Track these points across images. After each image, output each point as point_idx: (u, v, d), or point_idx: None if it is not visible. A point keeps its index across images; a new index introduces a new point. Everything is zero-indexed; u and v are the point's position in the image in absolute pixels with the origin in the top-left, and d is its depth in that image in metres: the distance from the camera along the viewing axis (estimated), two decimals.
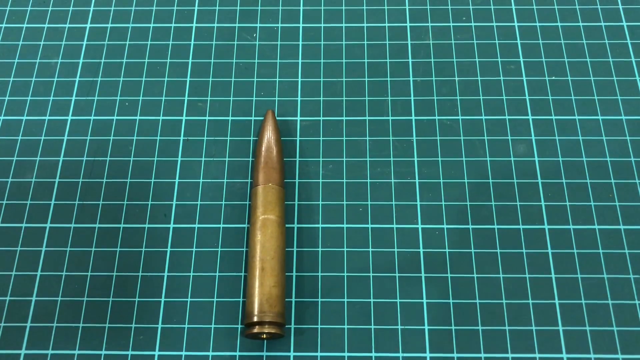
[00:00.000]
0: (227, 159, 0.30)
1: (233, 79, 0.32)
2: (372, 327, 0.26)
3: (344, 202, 0.29)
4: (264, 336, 0.25)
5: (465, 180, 0.29)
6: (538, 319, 0.26)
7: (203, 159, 0.30)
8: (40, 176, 0.30)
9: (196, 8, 0.35)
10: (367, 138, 0.31)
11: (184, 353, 0.26)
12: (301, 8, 0.34)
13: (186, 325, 0.27)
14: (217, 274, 0.28)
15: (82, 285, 0.28)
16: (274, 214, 0.27)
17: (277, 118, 0.31)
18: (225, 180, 0.30)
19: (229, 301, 0.27)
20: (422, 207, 0.29)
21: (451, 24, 0.34)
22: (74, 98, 0.32)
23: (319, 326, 0.26)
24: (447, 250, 0.28)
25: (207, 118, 0.31)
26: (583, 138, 0.30)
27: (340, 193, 0.29)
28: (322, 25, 0.34)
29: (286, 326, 0.26)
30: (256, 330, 0.25)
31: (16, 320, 0.27)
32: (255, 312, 0.25)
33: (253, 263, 0.26)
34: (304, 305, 0.27)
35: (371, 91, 0.32)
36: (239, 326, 0.27)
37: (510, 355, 0.26)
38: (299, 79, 0.32)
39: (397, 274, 0.27)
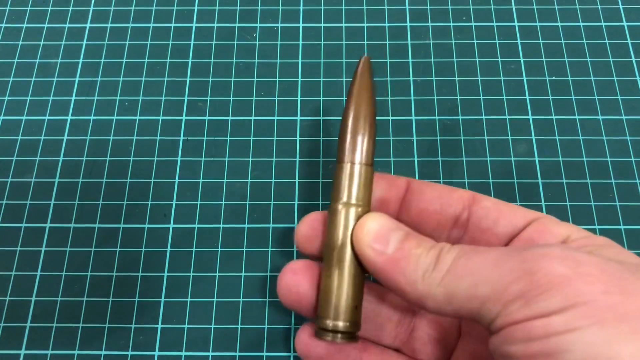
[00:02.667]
0: (227, 159, 0.30)
1: (233, 79, 0.32)
2: None
3: None
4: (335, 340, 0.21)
5: (466, 180, 0.29)
6: None
7: (203, 159, 0.30)
8: (40, 176, 0.30)
9: (196, 8, 0.34)
10: None
11: (184, 353, 0.26)
12: (301, 8, 0.34)
13: (186, 325, 0.27)
14: (217, 274, 0.28)
15: (82, 285, 0.28)
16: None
17: (277, 118, 0.31)
18: (225, 180, 0.30)
19: (229, 301, 0.27)
20: None
21: (451, 24, 0.34)
22: (73, 98, 0.32)
23: None
24: None
25: (207, 118, 0.31)
26: (583, 138, 0.30)
27: None
28: (322, 25, 0.34)
29: (286, 326, 0.26)
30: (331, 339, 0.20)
31: (16, 320, 0.27)
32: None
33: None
34: None
35: None
36: (239, 326, 0.27)
37: None
38: (299, 79, 0.32)
39: None
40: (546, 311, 0.14)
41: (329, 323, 0.20)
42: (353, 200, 0.20)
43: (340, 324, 0.20)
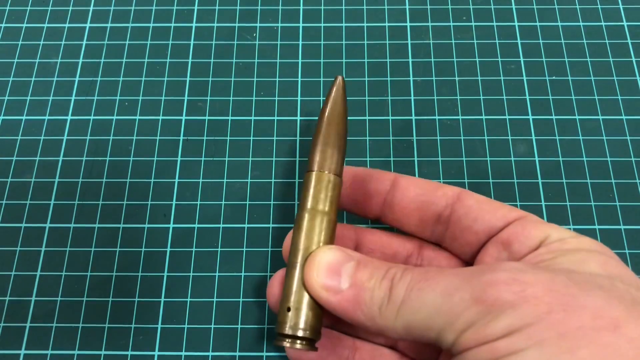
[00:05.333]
0: (227, 158, 0.30)
1: (233, 79, 0.32)
2: None
3: None
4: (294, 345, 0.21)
5: (466, 180, 0.29)
6: None
7: (203, 158, 0.30)
8: (40, 176, 0.30)
9: (196, 8, 0.34)
10: (367, 138, 0.31)
11: (183, 353, 0.26)
12: (301, 8, 0.34)
13: (186, 325, 0.27)
14: (217, 274, 0.28)
15: (81, 285, 0.28)
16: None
17: (277, 118, 0.31)
18: (225, 180, 0.30)
19: (229, 301, 0.27)
20: None
21: (451, 24, 0.34)
22: (73, 98, 0.32)
23: None
24: None
25: (206, 118, 0.31)
26: (583, 138, 0.30)
27: None
28: (322, 25, 0.34)
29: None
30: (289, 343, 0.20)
31: (16, 320, 0.27)
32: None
33: None
34: None
35: (371, 91, 0.32)
36: (239, 326, 0.27)
37: None
38: (299, 79, 0.32)
39: None
40: (492, 337, 0.15)
41: (288, 329, 0.20)
42: (319, 208, 0.21)
43: (300, 331, 0.20)
